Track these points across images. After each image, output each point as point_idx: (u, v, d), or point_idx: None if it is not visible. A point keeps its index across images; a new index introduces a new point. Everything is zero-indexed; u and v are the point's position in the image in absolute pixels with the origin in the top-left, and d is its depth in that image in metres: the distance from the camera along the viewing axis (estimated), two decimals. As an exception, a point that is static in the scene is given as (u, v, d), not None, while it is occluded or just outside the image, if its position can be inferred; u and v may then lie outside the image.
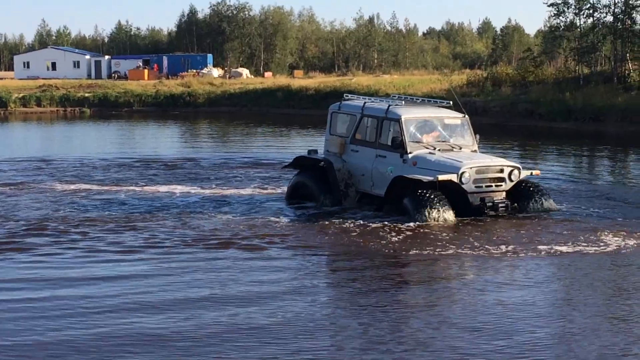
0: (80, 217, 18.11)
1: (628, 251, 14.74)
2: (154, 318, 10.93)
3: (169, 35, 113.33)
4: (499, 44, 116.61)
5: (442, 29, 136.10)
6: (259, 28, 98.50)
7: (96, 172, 26.38)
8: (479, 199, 17.47)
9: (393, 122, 18.19)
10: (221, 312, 11.18)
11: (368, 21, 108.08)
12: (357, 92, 57.22)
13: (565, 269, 13.78)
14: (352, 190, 18.87)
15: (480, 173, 17.53)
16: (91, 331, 10.44)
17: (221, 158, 30.38)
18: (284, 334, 10.26)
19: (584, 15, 52.93)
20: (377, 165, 18.35)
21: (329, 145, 19.60)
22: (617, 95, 45.77)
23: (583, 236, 15.73)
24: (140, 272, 13.42)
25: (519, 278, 13.05)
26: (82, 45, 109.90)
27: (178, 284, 12.60)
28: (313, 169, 19.67)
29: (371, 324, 10.69)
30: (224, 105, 63.18)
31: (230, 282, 12.67)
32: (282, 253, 14.76)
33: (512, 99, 49.24)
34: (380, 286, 12.60)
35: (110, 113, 60.92)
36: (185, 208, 19.29)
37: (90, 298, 11.85)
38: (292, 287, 12.40)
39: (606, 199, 20.49)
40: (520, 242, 15.38)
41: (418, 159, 17.67)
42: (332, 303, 11.82)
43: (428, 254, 14.51)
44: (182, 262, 14.08)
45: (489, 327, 10.51)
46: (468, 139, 18.80)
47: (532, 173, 18.58)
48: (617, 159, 32.10)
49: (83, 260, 14.26)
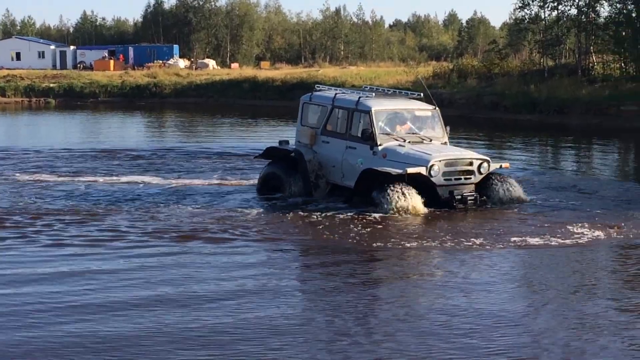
0: (42, 208, 17.95)
1: (598, 243, 14.82)
2: (115, 318, 10.59)
3: (135, 26, 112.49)
4: (464, 36, 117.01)
5: (408, 21, 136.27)
6: (226, 19, 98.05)
7: (59, 162, 26.24)
8: (447, 192, 17.50)
9: (363, 114, 18.20)
10: (183, 310, 10.94)
11: (334, 13, 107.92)
12: (323, 83, 57.25)
13: (535, 262, 13.74)
14: (323, 181, 18.87)
15: (449, 166, 17.57)
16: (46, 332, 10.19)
17: (187, 149, 30.36)
18: (250, 332, 10.10)
19: (548, 8, 53.36)
20: (347, 157, 18.36)
21: (300, 136, 19.58)
22: (581, 87, 46.16)
23: (553, 228, 15.72)
24: (102, 268, 13.06)
25: (487, 271, 13.02)
26: (47, 36, 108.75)
27: (140, 281, 12.30)
28: (284, 159, 19.65)
29: (338, 317, 10.65)
30: (191, 96, 62.99)
31: (194, 279, 12.37)
32: (248, 247, 14.50)
33: (478, 91, 49.53)
34: (347, 281, 12.47)
35: (76, 104, 60.54)
36: (150, 199, 19.16)
37: (46, 296, 11.54)
38: (258, 283, 12.14)
39: (575, 191, 20.61)
40: (490, 234, 15.37)
41: (388, 151, 17.70)
42: (299, 300, 11.68)
43: (395, 247, 14.43)
44: (146, 257, 13.79)
45: (456, 322, 10.52)
46: (438, 131, 18.84)
47: (502, 166, 18.64)
48: (582, 150, 32.45)
49: (45, 255, 14.04)
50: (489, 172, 18.12)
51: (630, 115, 41.14)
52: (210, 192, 20.28)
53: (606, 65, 50.17)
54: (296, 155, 19.13)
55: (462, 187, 17.71)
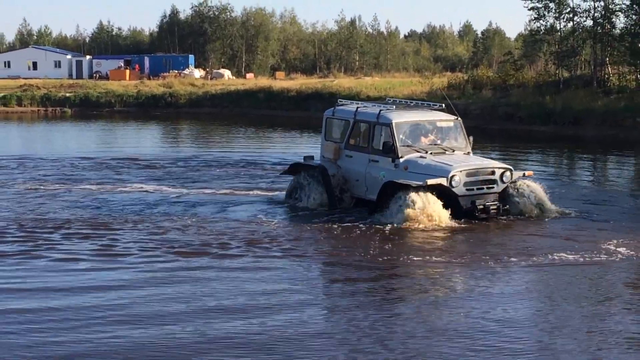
0: (56, 218, 17.99)
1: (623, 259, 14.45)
2: (144, 330, 10.72)
3: (151, 36, 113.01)
4: (479, 47, 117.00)
5: (423, 32, 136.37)
6: (241, 29, 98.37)
7: (74, 171, 26.41)
8: (470, 202, 17.43)
9: (384, 127, 18.22)
10: (207, 324, 10.99)
11: (350, 23, 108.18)
12: (339, 94, 57.35)
13: (561, 279, 13.37)
14: (347, 195, 18.96)
15: (471, 176, 17.53)
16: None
17: (203, 158, 30.43)
18: (274, 346, 10.14)
19: (564, 19, 53.23)
20: (370, 170, 18.38)
21: (324, 151, 19.67)
22: (596, 99, 46.02)
23: (581, 243, 15.50)
24: (124, 282, 13.04)
25: (513, 288, 12.83)
26: (63, 45, 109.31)
27: (160, 297, 12.18)
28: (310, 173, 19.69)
29: (363, 335, 10.58)
30: (206, 106, 63.07)
31: (217, 295, 12.26)
32: (270, 262, 14.27)
33: (493, 102, 49.44)
34: (369, 298, 12.28)
35: (92, 113, 60.67)
36: (170, 210, 19.16)
37: (65, 310, 11.57)
38: (278, 299, 12.04)
39: (595, 202, 20.47)
40: (516, 249, 15.16)
41: (409, 163, 17.68)
42: (323, 316, 11.55)
43: (417, 263, 14.25)
44: (163, 271, 13.65)
45: (477, 337, 10.45)
46: (461, 142, 18.82)
47: (525, 174, 18.59)
48: (599, 162, 32.34)
49: (59, 268, 13.99)
50: (513, 180, 18.02)
51: (645, 126, 40.97)
52: (230, 202, 20.29)
53: (622, 77, 50.01)
54: (320, 170, 19.16)
55: (485, 196, 17.64)
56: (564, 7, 52.75)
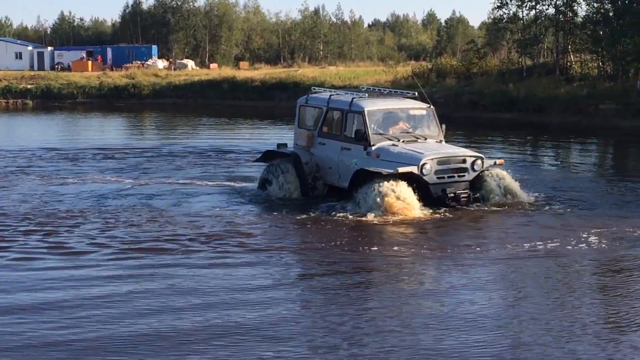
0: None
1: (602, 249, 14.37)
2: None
3: (113, 27, 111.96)
4: (443, 35, 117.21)
5: (387, 21, 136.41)
6: (204, 19, 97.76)
7: (31, 162, 26.21)
8: (440, 190, 17.47)
9: (357, 115, 18.23)
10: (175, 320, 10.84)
11: (313, 13, 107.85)
12: (303, 83, 57.28)
13: (532, 270, 13.19)
14: (320, 183, 18.93)
15: (442, 164, 17.55)
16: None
17: (166, 149, 30.24)
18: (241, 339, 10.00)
19: (526, 8, 53.41)
20: (342, 158, 18.37)
21: (297, 139, 19.64)
22: (559, 86, 46.35)
23: (552, 231, 15.46)
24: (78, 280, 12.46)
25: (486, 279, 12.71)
26: (24, 36, 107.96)
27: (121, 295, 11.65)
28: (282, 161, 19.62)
29: (333, 330, 10.47)
30: (169, 96, 62.73)
31: (192, 293, 11.73)
32: (239, 257, 13.80)
33: (457, 90, 49.61)
34: (339, 293, 12.04)
35: (54, 105, 60.09)
36: (142, 202, 18.79)
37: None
38: (251, 295, 11.68)
39: (564, 188, 20.58)
40: (488, 240, 15.11)
41: (381, 151, 17.70)
42: (293, 312, 11.28)
43: (391, 254, 14.12)
44: (123, 269, 13.07)
45: (450, 330, 10.40)
46: (434, 130, 18.88)
47: (496, 162, 18.69)
48: (563, 148, 32.62)
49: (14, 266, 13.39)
50: (484, 169, 18.06)
51: (608, 113, 41.39)
52: (196, 193, 20.10)
53: (584, 64, 50.39)
54: (293, 158, 19.11)
55: (456, 184, 17.67)
56: (526, -5, 52.95)
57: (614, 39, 46.99)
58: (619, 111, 40.95)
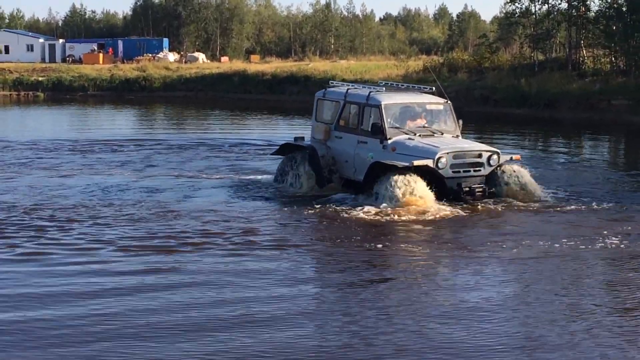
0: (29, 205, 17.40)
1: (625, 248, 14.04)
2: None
3: (124, 19, 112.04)
4: (455, 30, 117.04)
5: (398, 15, 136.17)
6: (215, 12, 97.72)
7: (38, 154, 26.16)
8: (456, 184, 17.46)
9: (373, 108, 18.27)
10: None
11: (325, 6, 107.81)
12: (313, 77, 57.25)
13: (548, 268, 12.99)
14: (336, 176, 18.96)
15: (457, 158, 17.55)
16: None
17: (178, 141, 30.21)
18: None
19: (539, 2, 53.22)
20: (358, 152, 18.42)
21: (315, 132, 19.72)
22: (571, 81, 46.14)
23: (569, 229, 15.27)
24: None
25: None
26: (35, 29, 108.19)
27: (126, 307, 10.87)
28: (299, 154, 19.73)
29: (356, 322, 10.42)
30: (180, 89, 62.79)
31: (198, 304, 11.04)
32: (254, 252, 13.61)
33: (468, 85, 49.45)
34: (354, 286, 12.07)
35: (65, 97, 60.16)
36: (143, 196, 18.66)
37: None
38: (263, 293, 11.45)
39: (579, 185, 20.41)
40: (504, 237, 14.87)
41: (397, 144, 17.70)
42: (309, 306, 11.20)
43: (404, 250, 14.00)
44: (127, 276, 12.31)
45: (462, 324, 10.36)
46: (450, 125, 18.87)
47: (512, 157, 18.63)
48: (575, 144, 32.45)
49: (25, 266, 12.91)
50: (500, 163, 18.01)
51: (620, 109, 41.20)
52: (213, 187, 20.03)
53: (596, 60, 50.14)
54: (309, 151, 19.18)
55: (471, 179, 17.66)
56: (539, -10, 52.76)
57: (627, 34, 46.76)
58: (632, 107, 40.74)
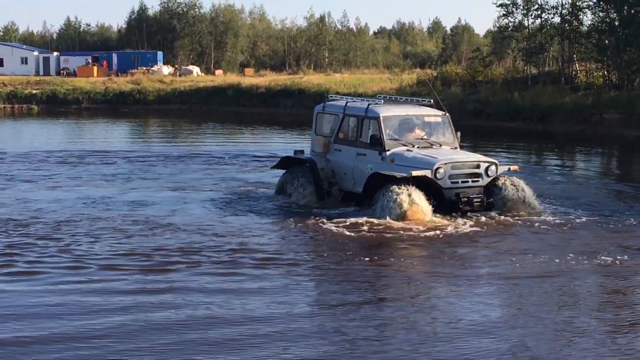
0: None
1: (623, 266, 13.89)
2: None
3: (119, 32, 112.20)
4: (448, 43, 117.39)
5: (392, 28, 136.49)
6: (210, 26, 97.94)
7: (25, 167, 26.11)
8: (454, 195, 17.62)
9: (372, 121, 18.44)
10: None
11: (319, 20, 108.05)
12: (308, 90, 57.39)
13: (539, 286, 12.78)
14: (336, 188, 19.14)
15: (455, 169, 17.72)
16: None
17: (174, 154, 30.22)
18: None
19: (532, 16, 53.51)
20: (357, 164, 18.60)
21: (314, 145, 19.89)
22: (564, 95, 46.34)
23: (564, 246, 15.21)
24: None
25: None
26: (30, 42, 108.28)
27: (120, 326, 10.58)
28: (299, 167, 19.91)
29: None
30: (174, 102, 62.87)
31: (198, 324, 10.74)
32: (252, 269, 13.34)
33: (462, 99, 49.57)
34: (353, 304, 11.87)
35: (59, 110, 60.15)
36: (140, 210, 18.56)
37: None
38: (264, 310, 11.31)
39: (581, 198, 20.44)
40: (500, 253, 14.79)
41: (395, 156, 17.89)
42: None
43: (404, 269, 13.87)
44: (123, 295, 11.93)
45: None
46: (449, 137, 19.03)
47: (510, 168, 18.90)
48: (568, 157, 32.56)
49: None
50: (498, 174, 18.18)
51: (612, 122, 41.40)
52: (210, 199, 20.03)
53: (589, 73, 50.38)
54: (309, 164, 19.39)
55: (469, 189, 17.81)
56: (532, 4, 53.02)
57: (619, 48, 47.02)
58: (624, 120, 40.94)
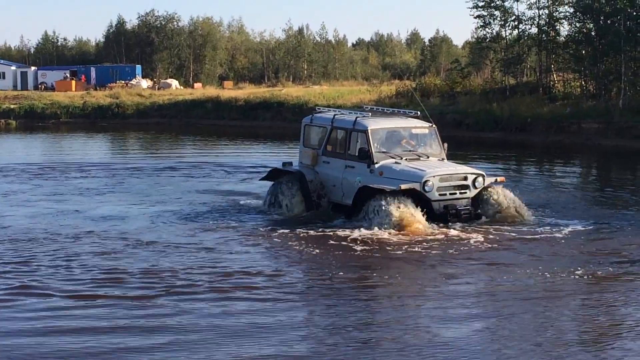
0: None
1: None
2: None
3: (97, 46, 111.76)
4: (427, 54, 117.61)
5: (371, 40, 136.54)
6: (188, 39, 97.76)
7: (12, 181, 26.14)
8: (443, 207, 17.79)
9: (360, 133, 18.59)
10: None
11: (297, 32, 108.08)
12: (287, 103, 57.38)
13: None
14: (325, 200, 19.27)
15: (443, 181, 17.92)
16: None
17: (151, 167, 30.16)
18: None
19: (509, 27, 53.77)
20: (346, 176, 18.74)
21: (303, 157, 20.01)
22: (542, 105, 46.64)
23: (550, 256, 15.32)
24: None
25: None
26: (7, 56, 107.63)
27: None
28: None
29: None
30: (153, 116, 62.61)
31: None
32: (243, 293, 12.95)
33: (441, 109, 49.58)
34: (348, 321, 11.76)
35: (37, 125, 59.80)
36: (114, 226, 18.45)
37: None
38: (251, 324, 11.28)
39: (567, 208, 20.64)
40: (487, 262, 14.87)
41: (384, 168, 18.05)
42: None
43: (395, 284, 13.82)
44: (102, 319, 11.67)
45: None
46: (436, 148, 19.29)
47: (497, 180, 19.07)
48: (548, 166, 32.72)
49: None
50: (485, 186, 18.34)
51: (590, 132, 41.67)
52: (197, 212, 20.11)
53: (567, 83, 50.72)
54: (298, 176, 19.44)
55: (458, 201, 17.98)
56: (509, 15, 53.30)
57: (596, 58, 47.33)
58: (601, 130, 41.23)
